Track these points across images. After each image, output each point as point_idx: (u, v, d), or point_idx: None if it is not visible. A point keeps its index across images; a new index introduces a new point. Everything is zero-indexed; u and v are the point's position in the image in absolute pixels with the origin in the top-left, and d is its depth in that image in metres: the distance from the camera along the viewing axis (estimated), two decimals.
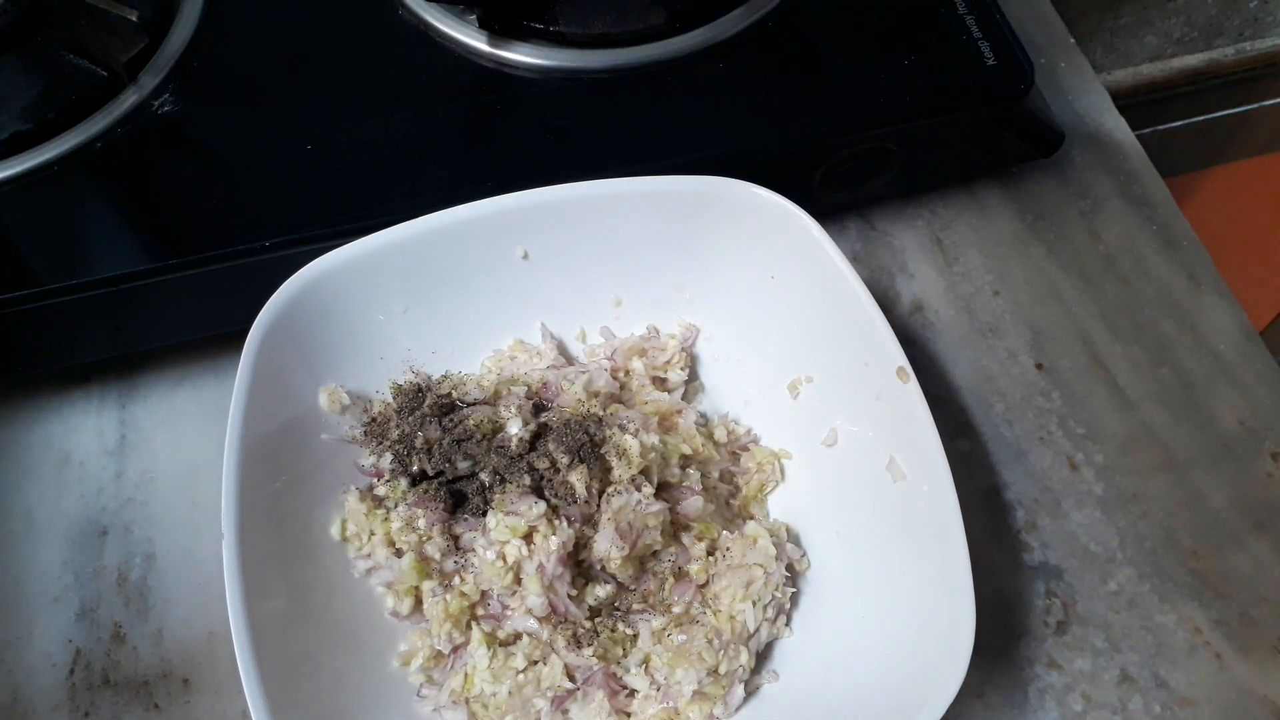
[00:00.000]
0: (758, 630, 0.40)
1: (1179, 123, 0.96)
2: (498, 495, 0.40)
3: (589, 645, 0.39)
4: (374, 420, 0.43)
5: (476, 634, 0.40)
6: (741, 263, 0.46)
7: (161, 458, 0.47)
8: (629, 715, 0.40)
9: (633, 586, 0.41)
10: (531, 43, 0.50)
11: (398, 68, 0.50)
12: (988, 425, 0.50)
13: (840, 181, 0.51)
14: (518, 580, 0.39)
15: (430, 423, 0.41)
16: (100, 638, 0.43)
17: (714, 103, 0.50)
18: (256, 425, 0.39)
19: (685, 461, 0.43)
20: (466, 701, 0.39)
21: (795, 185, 0.45)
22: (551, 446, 0.40)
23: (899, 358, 0.40)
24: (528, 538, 0.39)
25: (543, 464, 0.40)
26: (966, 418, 0.50)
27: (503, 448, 0.41)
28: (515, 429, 0.41)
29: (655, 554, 0.41)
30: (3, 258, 0.44)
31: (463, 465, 0.41)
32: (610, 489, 0.40)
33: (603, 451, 0.40)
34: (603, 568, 0.40)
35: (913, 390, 0.40)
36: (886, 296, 0.54)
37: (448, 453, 0.41)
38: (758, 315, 0.46)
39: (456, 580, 0.40)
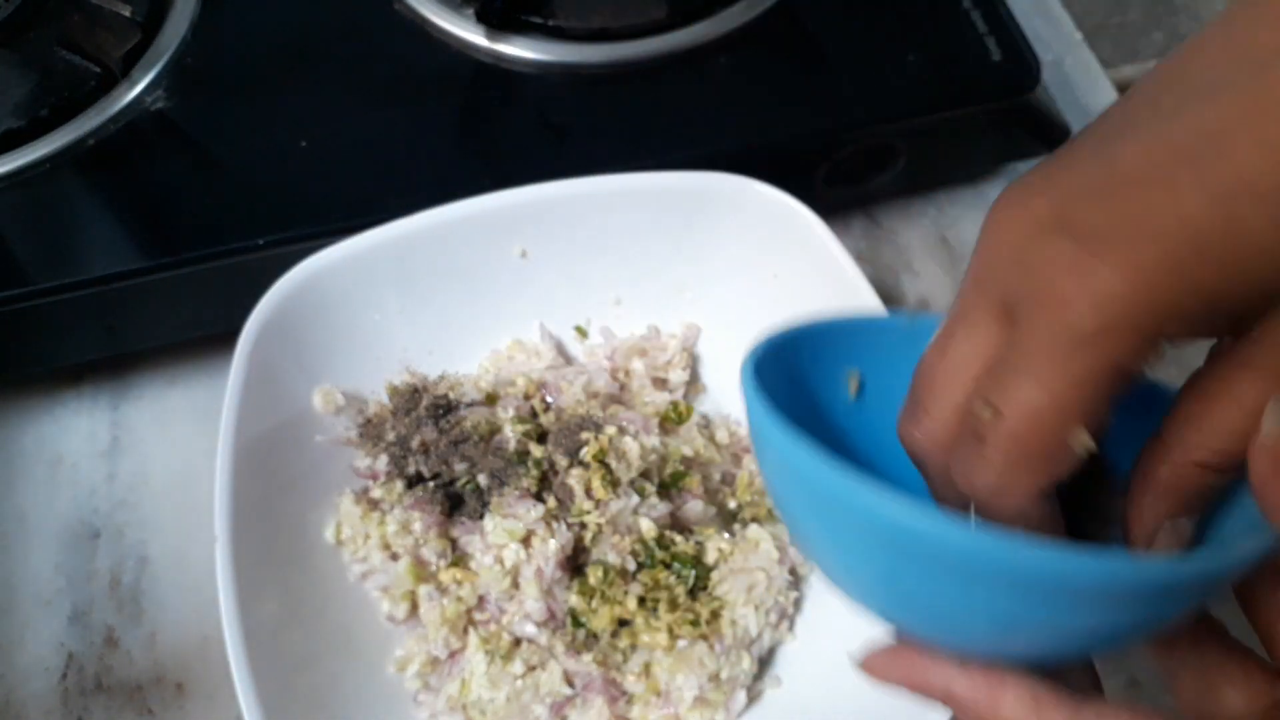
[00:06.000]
0: (760, 635, 0.40)
1: None
2: (495, 498, 0.40)
3: (588, 651, 0.39)
4: (369, 421, 0.42)
5: (474, 639, 0.39)
6: (744, 260, 0.45)
7: (154, 459, 0.47)
8: None
9: None
10: (529, 37, 0.50)
11: (394, 63, 0.49)
12: None
13: (844, 178, 0.51)
14: (516, 584, 0.39)
15: (427, 424, 0.41)
16: (93, 641, 0.43)
17: (716, 98, 0.49)
18: (250, 426, 0.38)
19: (686, 464, 0.42)
20: (464, 708, 0.39)
21: (799, 182, 0.44)
22: (550, 448, 0.40)
23: None
24: (526, 541, 0.39)
25: (541, 466, 0.40)
26: None
27: (500, 449, 0.40)
28: (513, 430, 0.40)
29: None
30: None
31: (460, 467, 0.40)
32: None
33: None
34: None
35: None
36: (891, 295, 0.54)
37: (444, 455, 0.40)
38: (760, 314, 0.45)
39: (453, 584, 0.40)
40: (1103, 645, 0.25)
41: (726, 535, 0.41)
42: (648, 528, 0.39)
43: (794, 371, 0.29)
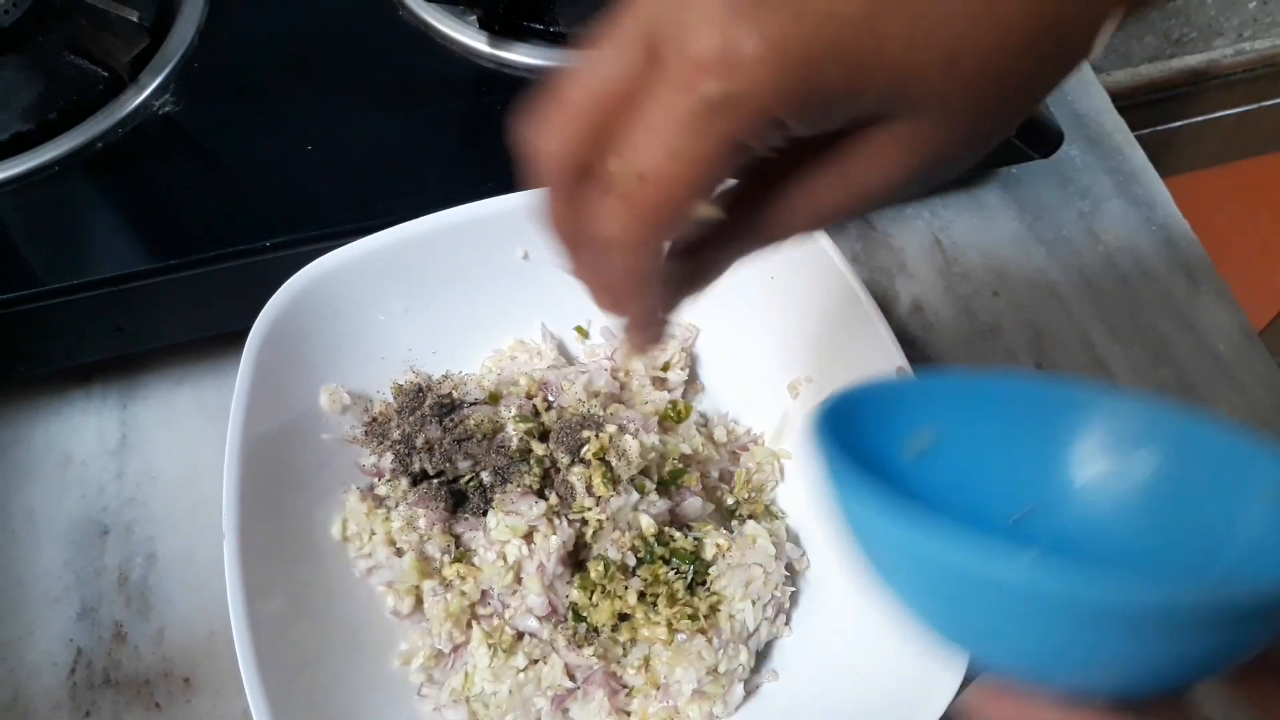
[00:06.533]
0: (757, 629, 0.40)
1: (1178, 123, 0.97)
2: (498, 495, 0.40)
3: (589, 645, 0.39)
4: (375, 420, 0.43)
5: (477, 633, 0.40)
6: (741, 262, 0.46)
7: (162, 458, 0.47)
8: (629, 714, 0.40)
9: None
10: (531, 43, 0.50)
11: (398, 68, 0.50)
12: None
13: None
14: (518, 580, 0.40)
15: (431, 422, 0.41)
16: (101, 637, 0.43)
17: None
18: (257, 425, 0.39)
19: (685, 461, 0.43)
20: (467, 700, 0.39)
21: None
22: (551, 446, 0.41)
23: (899, 358, 0.40)
24: (528, 537, 0.39)
25: (543, 464, 0.40)
26: None
27: (503, 448, 0.41)
28: (515, 429, 0.41)
29: None
30: (4, 257, 0.44)
31: (463, 465, 0.41)
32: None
33: None
34: None
35: None
36: (886, 297, 0.54)
37: (448, 452, 0.41)
38: (758, 315, 0.46)
39: (456, 580, 0.40)
40: (1192, 672, 0.23)
41: (724, 531, 0.42)
42: (647, 524, 0.40)
43: (851, 430, 0.30)
